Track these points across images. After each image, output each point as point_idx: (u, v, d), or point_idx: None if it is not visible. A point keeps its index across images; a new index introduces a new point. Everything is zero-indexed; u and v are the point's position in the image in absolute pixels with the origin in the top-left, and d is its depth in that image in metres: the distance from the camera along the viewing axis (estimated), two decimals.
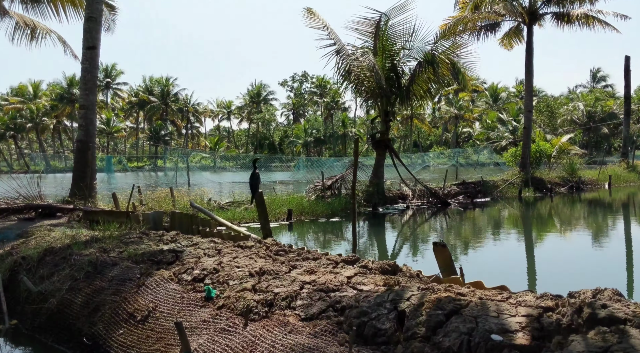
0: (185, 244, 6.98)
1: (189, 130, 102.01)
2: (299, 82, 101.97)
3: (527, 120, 26.02)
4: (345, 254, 5.92)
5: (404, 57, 19.36)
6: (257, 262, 5.64)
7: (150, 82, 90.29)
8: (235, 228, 9.33)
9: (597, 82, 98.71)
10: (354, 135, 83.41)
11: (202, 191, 17.53)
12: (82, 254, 6.82)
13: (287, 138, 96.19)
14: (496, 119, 75.52)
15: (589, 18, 24.02)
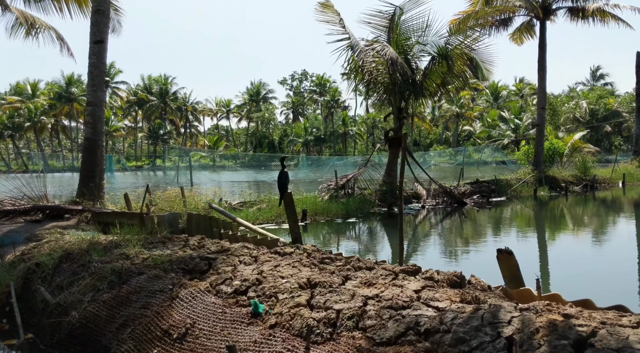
0: (215, 249, 6.42)
1: (188, 129, 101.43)
2: (299, 81, 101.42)
3: (539, 118, 25.48)
4: (373, 258, 5.41)
5: (417, 52, 18.82)
6: (302, 272, 5.08)
7: (148, 81, 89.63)
8: (261, 231, 8.78)
9: (597, 80, 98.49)
10: (354, 134, 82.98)
11: (213, 190, 16.94)
12: (103, 261, 6.26)
13: (286, 137, 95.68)
14: (497, 118, 75.14)
15: (604, 13, 23.51)
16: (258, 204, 15.83)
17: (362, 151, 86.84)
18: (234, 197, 19.09)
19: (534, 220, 16.26)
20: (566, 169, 26.04)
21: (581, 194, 23.28)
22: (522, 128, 67.14)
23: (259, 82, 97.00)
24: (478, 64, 19.10)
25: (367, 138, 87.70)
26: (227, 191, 19.23)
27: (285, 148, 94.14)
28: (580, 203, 20.78)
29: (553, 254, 10.86)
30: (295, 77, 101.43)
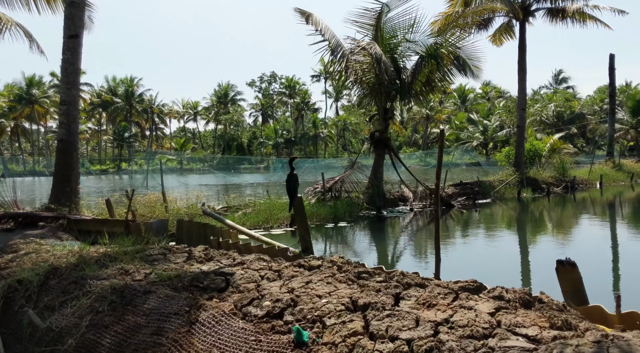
0: (227, 263, 5.72)
1: (154, 132, 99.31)
2: (268, 83, 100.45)
3: (520, 119, 25.42)
4: (371, 265, 4.83)
5: (404, 51, 18.38)
6: (340, 289, 4.44)
7: (113, 82, 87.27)
8: (265, 239, 8.09)
9: (559, 84, 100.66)
10: (325, 136, 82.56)
11: (195, 194, 16.09)
12: (98, 277, 5.48)
13: (255, 139, 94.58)
14: (465, 120, 75.87)
15: (584, 15, 23.60)
16: (243, 208, 15.09)
17: (333, 153, 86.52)
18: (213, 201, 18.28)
19: (523, 222, 16.00)
20: (545, 170, 26.06)
21: (562, 195, 23.29)
22: (490, 130, 67.89)
23: (227, 83, 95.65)
24: (466, 62, 18.77)
25: (338, 140, 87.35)
26: (202, 195, 18.36)
27: (254, 150, 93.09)
28: (564, 204, 20.74)
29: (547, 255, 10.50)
30: (264, 79, 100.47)
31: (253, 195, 23.24)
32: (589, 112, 73.76)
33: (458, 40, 18.28)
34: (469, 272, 8.85)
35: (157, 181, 37.22)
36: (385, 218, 16.37)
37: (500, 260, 10.22)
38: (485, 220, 16.74)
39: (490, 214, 17.89)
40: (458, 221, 16.20)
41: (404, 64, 18.56)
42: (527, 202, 20.76)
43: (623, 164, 31.62)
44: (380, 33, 17.92)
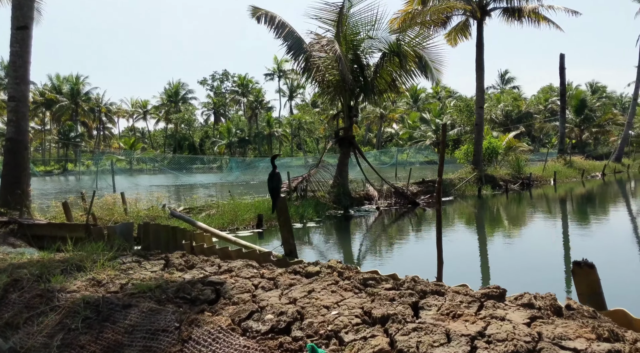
0: (212, 270, 5.24)
1: (101, 131, 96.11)
2: (220, 81, 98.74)
3: (478, 117, 25.71)
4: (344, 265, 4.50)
5: (367, 48, 18.14)
6: (348, 298, 4.06)
7: (57, 80, 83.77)
8: (244, 242, 7.60)
9: (506, 84, 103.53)
10: (279, 135, 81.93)
11: (156, 196, 15.34)
12: (66, 289, 4.90)
13: (208, 139, 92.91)
14: (418, 119, 76.80)
15: (538, 15, 24.04)
16: (206, 209, 14.48)
17: (288, 152, 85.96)
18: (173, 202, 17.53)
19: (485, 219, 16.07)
20: (502, 167, 26.48)
21: (520, 192, 23.68)
22: None
23: (178, 82, 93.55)
24: (428, 64, 18.69)
25: (293, 139, 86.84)
26: (162, 196, 17.58)
27: (206, 150, 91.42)
28: (523, 201, 21.07)
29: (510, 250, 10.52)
30: (216, 78, 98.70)
31: (207, 196, 22.55)
32: (535, 112, 76.07)
33: (423, 39, 18.19)
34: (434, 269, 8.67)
35: (107, 182, 35.82)
36: (352, 217, 16.10)
37: (463, 256, 10.24)
38: (449, 218, 16.73)
39: (453, 212, 17.92)
40: (424, 219, 16.11)
41: (367, 61, 18.36)
42: (487, 199, 20.97)
43: (574, 161, 32.60)
44: (342, 29, 17.60)
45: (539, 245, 11.70)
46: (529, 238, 12.93)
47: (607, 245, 11.30)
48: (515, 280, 7.90)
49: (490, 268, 9.35)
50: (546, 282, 7.64)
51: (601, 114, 60.20)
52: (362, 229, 14.61)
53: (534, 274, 8.39)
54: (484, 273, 9.04)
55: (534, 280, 7.76)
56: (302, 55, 17.75)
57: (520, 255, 10.44)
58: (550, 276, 8.28)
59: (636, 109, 43.69)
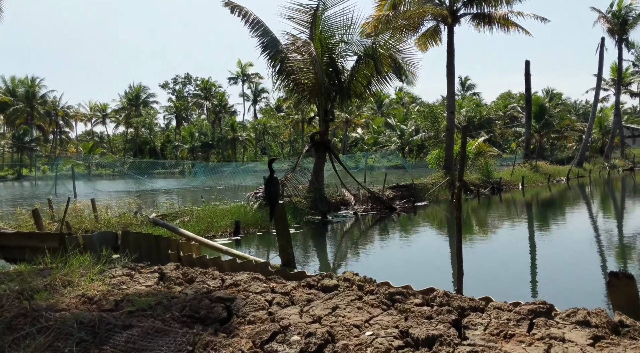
0: (215, 284, 4.79)
1: (58, 135, 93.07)
2: (182, 85, 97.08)
3: (449, 122, 25.81)
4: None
5: (342, 51, 17.88)
6: (376, 316, 3.72)
7: (12, 83, 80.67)
8: (237, 252, 7.15)
9: (467, 90, 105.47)
10: (243, 139, 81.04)
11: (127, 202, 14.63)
12: (54, 307, 4.38)
13: (170, 143, 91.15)
14: (382, 125, 77.32)
15: (508, 21, 24.32)
16: (180, 216, 13.88)
17: (252, 157, 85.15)
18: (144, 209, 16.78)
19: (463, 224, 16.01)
20: (472, 172, 26.65)
21: (490, 196, 23.85)
22: (407, 134, 69.55)
23: (139, 85, 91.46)
24: (402, 67, 18.58)
25: (257, 144, 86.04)
26: (113, 203, 16.79)
27: (168, 154, 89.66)
28: (495, 205, 21.22)
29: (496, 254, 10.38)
30: (178, 81, 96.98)
31: (169, 202, 21.72)
32: (495, 118, 77.58)
33: (396, 42, 18.05)
34: (410, 275, 8.57)
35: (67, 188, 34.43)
36: (331, 222, 15.77)
37: (436, 261, 10.47)
38: (427, 222, 16.63)
39: (429, 216, 17.84)
40: (402, 224, 15.93)
41: (343, 65, 18.08)
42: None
43: (539, 166, 33.17)
44: (317, 31, 17.30)
45: (513, 248, 11.87)
46: (504, 241, 13.01)
47: (572, 246, 11.57)
48: (497, 283, 8.02)
49: (479, 272, 9.19)
50: (516, 284, 8.03)
51: (559, 120, 61.75)
52: (342, 235, 14.30)
53: (512, 277, 8.61)
54: (472, 277, 8.93)
55: (509, 282, 8.11)
56: (277, 55, 17.31)
57: (497, 258, 10.59)
58: (521, 277, 8.60)
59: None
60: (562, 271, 8.86)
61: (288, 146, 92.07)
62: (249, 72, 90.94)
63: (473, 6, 25.08)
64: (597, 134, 61.10)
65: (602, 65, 42.04)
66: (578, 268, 9.11)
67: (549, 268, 9.37)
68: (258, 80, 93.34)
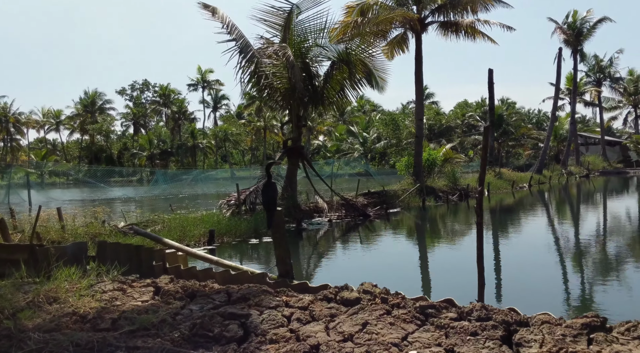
0: (221, 299, 4.39)
1: (8, 143, 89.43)
2: (140, 91, 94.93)
3: (418, 129, 25.89)
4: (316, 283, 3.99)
5: (316, 56, 17.63)
6: (411, 332, 3.42)
7: None
8: (229, 263, 6.73)
9: (426, 99, 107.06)
10: (204, 147, 79.75)
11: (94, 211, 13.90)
12: (42, 327, 3.89)
13: (127, 150, 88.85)
14: (345, 132, 77.56)
15: (475, 30, 24.59)
16: (151, 225, 13.28)
17: (212, 164, 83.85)
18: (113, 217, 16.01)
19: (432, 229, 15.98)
20: (440, 179, 26.80)
21: (458, 203, 24.00)
22: (369, 142, 69.93)
23: (95, 91, 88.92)
24: (372, 73, 18.48)
25: (217, 151, 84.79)
26: (103, 211, 16.02)
27: (126, 162, 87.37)
28: (464, 211, 21.37)
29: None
30: (135, 87, 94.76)
31: (128, 210, 20.86)
32: (454, 126, 78.97)
33: (369, 47, 17.95)
34: (385, 281, 8.42)
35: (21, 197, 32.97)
36: (306, 230, 15.42)
37: (409, 267, 10.58)
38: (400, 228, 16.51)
39: (402, 223, 17.74)
40: (376, 230, 15.75)
41: (316, 70, 17.83)
42: (431, 210, 21.05)
43: (503, 173, 33.74)
44: (290, 35, 17.01)
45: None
46: (472, 247, 13.05)
47: (535, 251, 11.81)
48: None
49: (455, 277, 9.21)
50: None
51: (516, 128, 63.35)
52: (318, 242, 13.98)
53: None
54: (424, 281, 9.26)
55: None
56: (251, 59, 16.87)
57: (465, 263, 10.71)
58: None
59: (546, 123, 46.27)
60: (527, 275, 9.15)
61: (249, 153, 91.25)
62: (209, 79, 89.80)
63: (441, 14, 25.30)
64: (552, 141, 62.90)
65: (560, 75, 43.29)
66: (540, 271, 9.41)
67: (514, 271, 9.72)
68: (219, 86, 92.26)
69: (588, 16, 45.70)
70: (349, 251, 12.77)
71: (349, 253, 12.49)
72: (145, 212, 15.65)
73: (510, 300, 7.09)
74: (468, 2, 24.78)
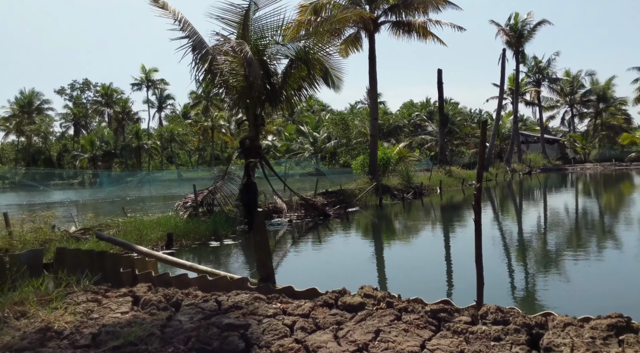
0: (210, 307, 4.07)
1: None
2: (80, 91, 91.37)
3: (372, 128, 25.95)
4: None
5: (273, 54, 17.28)
6: (428, 338, 3.23)
7: None
8: (204, 268, 6.35)
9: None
10: (149, 148, 77.57)
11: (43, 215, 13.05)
12: (12, 346, 3.46)
13: (67, 152, 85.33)
14: (294, 132, 77.32)
15: (426, 31, 24.88)
16: (105, 229, 12.61)
17: (157, 166, 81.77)
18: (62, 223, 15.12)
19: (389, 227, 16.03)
20: (394, 177, 26.99)
21: (413, 200, 24.22)
22: (319, 141, 69.98)
23: (32, 91, 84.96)
24: (328, 72, 18.33)
25: (163, 152, 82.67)
26: (52, 216, 15.11)
27: (66, 164, 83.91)
28: (419, 208, 21.61)
29: None
30: (75, 87, 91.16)
31: (68, 215, 19.85)
32: (402, 125, 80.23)
33: (327, 45, 17.78)
34: (344, 279, 8.41)
35: None
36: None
37: (368, 264, 10.66)
38: (359, 227, 16.45)
39: (360, 222, 17.68)
40: (336, 229, 15.62)
41: (275, 68, 17.47)
42: (388, 208, 21.15)
43: (453, 171, 34.39)
44: (247, 32, 16.62)
45: (436, 249, 12.39)
46: (426, 244, 13.43)
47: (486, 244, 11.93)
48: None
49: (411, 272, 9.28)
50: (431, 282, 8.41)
51: (460, 128, 65.00)
52: (280, 243, 13.67)
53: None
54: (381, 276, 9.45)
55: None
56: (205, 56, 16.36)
57: (419, 259, 11.10)
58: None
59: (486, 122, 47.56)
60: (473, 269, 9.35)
61: (196, 154, 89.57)
62: (154, 78, 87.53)
63: (393, 14, 25.45)
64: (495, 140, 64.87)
65: (504, 75, 44.58)
66: (487, 264, 9.62)
67: (463, 266, 9.79)
68: (164, 86, 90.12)
69: (528, 19, 47.33)
70: (311, 251, 12.56)
71: (311, 253, 12.28)
72: (92, 216, 14.84)
73: (460, 296, 7.15)
74: (420, 3, 25.03)
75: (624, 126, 71.86)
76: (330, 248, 12.90)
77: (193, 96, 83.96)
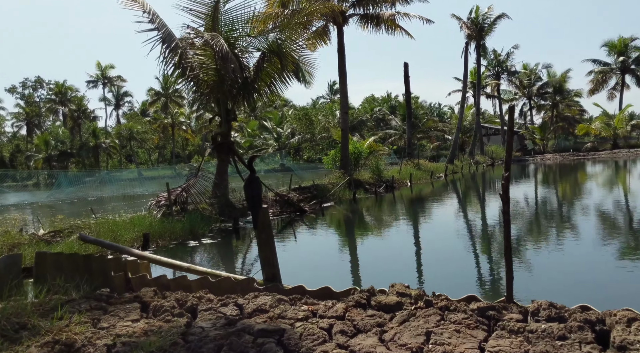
0: (232, 312, 3.75)
1: None
2: (32, 89, 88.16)
3: (343, 122, 25.75)
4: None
5: (245, 47, 16.87)
6: (484, 339, 3.02)
7: None
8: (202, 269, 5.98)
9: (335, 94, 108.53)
10: (107, 146, 75.41)
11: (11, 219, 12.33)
12: None
13: (20, 153, 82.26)
14: (257, 128, 76.54)
15: (394, 24, 24.82)
16: (77, 231, 12.01)
17: (116, 165, 79.70)
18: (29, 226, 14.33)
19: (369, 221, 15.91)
20: (365, 171, 26.92)
21: (384, 194, 24.21)
22: (283, 137, 69.52)
23: None
24: (299, 66, 18.05)
25: (122, 151, 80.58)
26: (19, 219, 14.29)
27: (19, 165, 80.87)
28: (392, 202, 21.58)
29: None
30: (27, 85, 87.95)
31: (23, 218, 18.95)
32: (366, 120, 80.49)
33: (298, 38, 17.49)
34: (326, 275, 8.36)
35: None
36: (244, 229, 14.69)
37: (344, 259, 10.77)
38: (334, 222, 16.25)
39: (335, 216, 17.49)
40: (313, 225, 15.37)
41: (246, 61, 17.05)
42: (362, 202, 21.04)
43: (421, 164, 34.60)
44: (217, 24, 16.15)
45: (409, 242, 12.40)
46: (400, 236, 13.28)
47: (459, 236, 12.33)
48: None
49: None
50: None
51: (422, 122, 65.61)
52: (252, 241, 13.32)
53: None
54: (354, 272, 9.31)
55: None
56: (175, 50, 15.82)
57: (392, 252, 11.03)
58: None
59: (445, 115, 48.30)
60: (448, 261, 9.50)
61: (156, 152, 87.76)
62: (110, 75, 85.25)
63: (361, 6, 25.30)
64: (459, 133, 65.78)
65: (467, 69, 45.11)
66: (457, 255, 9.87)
67: (436, 258, 9.99)
68: (120, 83, 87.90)
69: (489, 12, 47.97)
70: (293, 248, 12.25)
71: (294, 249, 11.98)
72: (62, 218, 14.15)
73: (431, 286, 7.21)
74: None
75: (577, 117, 74.07)
76: (312, 243, 12.66)
77: (152, 92, 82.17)
